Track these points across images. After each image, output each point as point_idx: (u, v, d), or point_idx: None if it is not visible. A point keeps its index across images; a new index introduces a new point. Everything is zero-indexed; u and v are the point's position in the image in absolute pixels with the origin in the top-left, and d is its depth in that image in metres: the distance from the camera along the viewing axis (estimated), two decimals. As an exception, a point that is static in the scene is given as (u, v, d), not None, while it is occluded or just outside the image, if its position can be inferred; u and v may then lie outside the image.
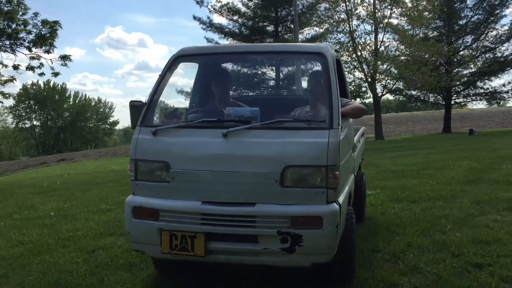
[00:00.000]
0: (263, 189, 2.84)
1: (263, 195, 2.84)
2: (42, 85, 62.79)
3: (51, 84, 62.44)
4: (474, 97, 29.15)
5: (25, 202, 8.02)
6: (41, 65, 13.58)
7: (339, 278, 3.32)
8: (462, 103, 30.30)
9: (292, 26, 21.46)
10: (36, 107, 62.79)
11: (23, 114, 63.23)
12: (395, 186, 7.33)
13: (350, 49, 24.28)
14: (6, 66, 14.27)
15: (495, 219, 5.00)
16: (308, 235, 2.76)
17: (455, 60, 27.05)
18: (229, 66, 4.91)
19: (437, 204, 5.88)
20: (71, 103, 68.25)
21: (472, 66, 27.56)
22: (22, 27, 12.38)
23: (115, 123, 74.47)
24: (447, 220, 5.05)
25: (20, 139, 64.19)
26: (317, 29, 25.87)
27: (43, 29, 12.24)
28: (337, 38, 25.02)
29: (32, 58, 13.24)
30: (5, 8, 11.75)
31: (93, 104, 72.33)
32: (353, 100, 4.31)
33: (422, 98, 29.61)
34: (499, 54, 27.51)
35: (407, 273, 3.57)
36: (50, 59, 13.45)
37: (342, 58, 17.27)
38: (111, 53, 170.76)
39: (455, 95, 28.76)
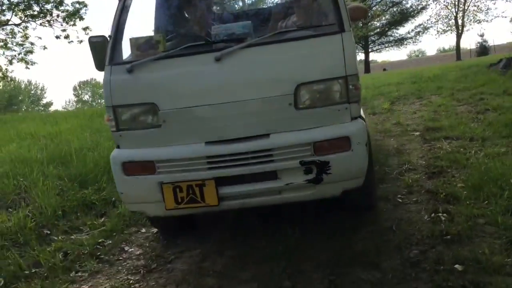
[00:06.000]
0: (276, 116, 2.60)
1: (276, 123, 2.61)
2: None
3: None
4: (387, 45, 37.70)
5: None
6: (68, 35, 19.40)
7: (359, 206, 3.30)
8: (377, 50, 38.72)
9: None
10: (-35, 94, 63.99)
11: (-48, 102, 64.11)
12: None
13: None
14: (40, 38, 20.14)
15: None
16: (336, 160, 2.57)
17: (369, 14, 35.12)
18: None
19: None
20: (0, 87, 69.78)
21: (383, 18, 35.87)
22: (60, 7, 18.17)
23: (49, 104, 76.74)
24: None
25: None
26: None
27: (76, 7, 18.18)
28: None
29: (63, 30, 19.07)
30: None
31: (23, 87, 74.03)
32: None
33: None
34: (403, 8, 36.04)
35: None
36: (76, 30, 19.49)
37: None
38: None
39: (371, 44, 37.08)
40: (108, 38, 2.91)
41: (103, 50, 2.85)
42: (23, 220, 3.80)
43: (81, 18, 18.68)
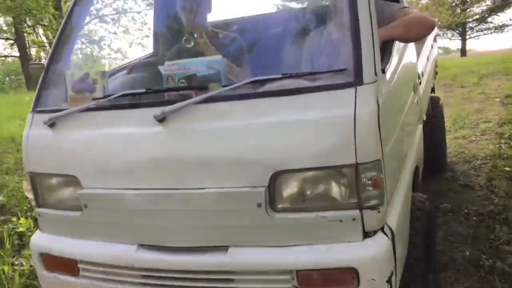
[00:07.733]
0: (239, 221, 1.61)
1: (240, 231, 1.63)
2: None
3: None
4: (485, 31, 36.65)
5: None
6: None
7: None
8: (475, 37, 37.78)
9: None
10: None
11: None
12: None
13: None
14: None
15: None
16: None
17: (468, 0, 34.44)
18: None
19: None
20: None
21: (483, 4, 35.01)
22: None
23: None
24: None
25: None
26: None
27: None
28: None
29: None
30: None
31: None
32: (408, 7, 2.42)
33: (441, 34, 37.26)
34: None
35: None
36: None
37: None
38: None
39: (469, 30, 36.28)
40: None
41: None
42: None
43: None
